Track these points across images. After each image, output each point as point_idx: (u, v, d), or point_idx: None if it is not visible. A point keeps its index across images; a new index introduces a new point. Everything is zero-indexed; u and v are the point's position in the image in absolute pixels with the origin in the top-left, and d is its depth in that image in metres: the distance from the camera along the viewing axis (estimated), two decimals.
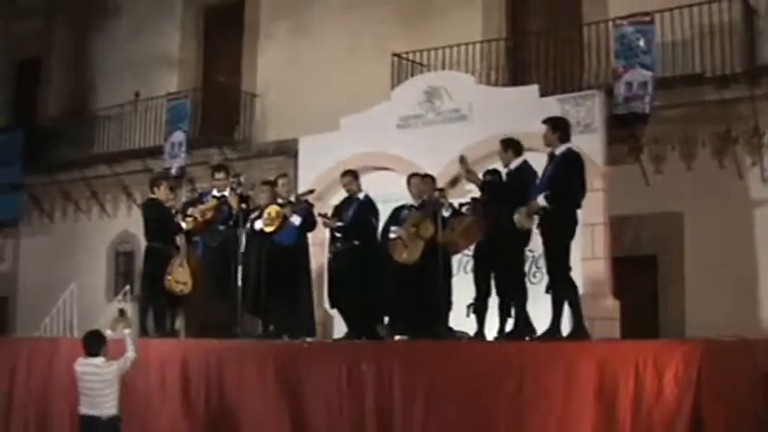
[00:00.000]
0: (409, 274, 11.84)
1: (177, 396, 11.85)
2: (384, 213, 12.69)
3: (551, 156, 10.62)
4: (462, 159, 11.49)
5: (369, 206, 12.65)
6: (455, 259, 12.51)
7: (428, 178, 12.49)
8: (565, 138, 10.68)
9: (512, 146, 11.31)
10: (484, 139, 13.70)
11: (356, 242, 12.47)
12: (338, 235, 12.54)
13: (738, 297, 14.27)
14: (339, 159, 15.13)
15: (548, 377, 9.06)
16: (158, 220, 13.64)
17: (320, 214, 12.84)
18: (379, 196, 13.07)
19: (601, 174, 13.08)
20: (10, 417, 13.70)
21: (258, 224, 12.90)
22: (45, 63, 25.48)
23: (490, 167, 11.81)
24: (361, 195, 12.77)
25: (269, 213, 12.82)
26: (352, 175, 12.91)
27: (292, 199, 13.16)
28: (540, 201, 10.31)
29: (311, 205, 13.10)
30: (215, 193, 13.52)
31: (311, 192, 13.50)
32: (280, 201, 13.07)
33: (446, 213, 11.68)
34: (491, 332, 11.29)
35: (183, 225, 13.38)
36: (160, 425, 11.92)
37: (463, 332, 11.80)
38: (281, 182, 13.39)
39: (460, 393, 9.57)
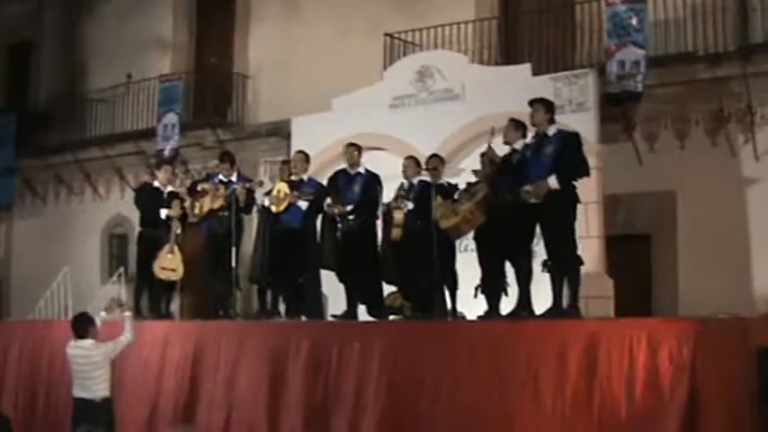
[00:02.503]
0: (397, 253, 12.01)
1: (171, 376, 11.90)
2: None
3: (544, 136, 10.55)
4: (493, 131, 11.35)
5: (375, 181, 12.56)
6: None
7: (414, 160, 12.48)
8: (552, 119, 10.66)
9: (522, 127, 11.15)
10: (476, 119, 13.69)
11: (367, 217, 12.45)
12: (351, 217, 12.41)
13: (731, 275, 14.27)
14: (332, 140, 15.13)
15: (541, 356, 9.05)
16: (148, 205, 13.68)
17: (328, 205, 12.55)
18: None
19: (595, 152, 13.03)
20: (1, 399, 13.72)
21: (266, 201, 12.91)
22: (36, 46, 25.42)
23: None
24: (362, 170, 12.64)
25: (278, 191, 12.79)
26: (355, 147, 12.78)
27: (305, 178, 13.09)
28: (552, 183, 10.14)
29: (324, 187, 12.90)
30: (221, 177, 13.47)
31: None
32: (293, 178, 13.04)
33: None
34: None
35: (164, 213, 13.41)
36: (148, 405, 11.97)
37: (458, 312, 11.81)
38: (296, 158, 13.32)
39: (452, 373, 9.56)
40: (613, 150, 14.25)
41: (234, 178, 13.35)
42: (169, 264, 13.28)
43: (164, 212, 13.43)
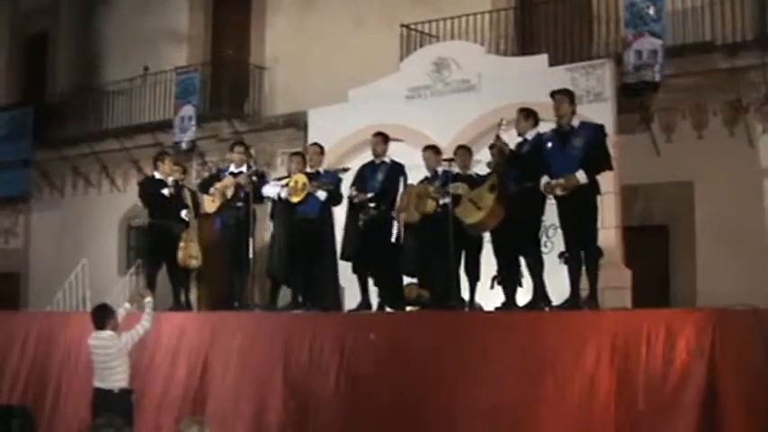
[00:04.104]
0: (414, 241, 12.02)
1: (185, 366, 11.97)
2: None
3: (570, 128, 10.51)
4: (501, 122, 11.31)
5: (399, 170, 12.56)
6: None
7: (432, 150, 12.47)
8: (575, 110, 10.64)
9: (532, 115, 11.16)
10: (493, 110, 13.66)
11: (387, 206, 12.44)
12: (372, 204, 12.38)
13: (749, 266, 14.20)
14: (348, 131, 15.16)
15: (559, 347, 9.05)
16: (150, 198, 13.73)
17: (351, 194, 12.57)
18: None
19: (612, 143, 12.93)
20: (14, 389, 13.80)
21: (283, 192, 12.89)
22: (52, 38, 25.46)
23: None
24: (387, 159, 12.65)
25: (295, 182, 12.77)
26: (382, 137, 12.78)
27: (322, 170, 13.09)
28: (581, 177, 10.21)
29: (340, 179, 12.92)
30: (232, 169, 13.49)
31: (346, 170, 13.11)
32: (309, 170, 13.03)
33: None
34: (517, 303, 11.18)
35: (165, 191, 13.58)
36: (161, 393, 12.06)
37: (476, 303, 11.80)
38: (311, 151, 13.32)
39: (469, 364, 9.56)
40: (631, 141, 14.21)
41: (244, 169, 13.34)
42: (194, 251, 13.47)
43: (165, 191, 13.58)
